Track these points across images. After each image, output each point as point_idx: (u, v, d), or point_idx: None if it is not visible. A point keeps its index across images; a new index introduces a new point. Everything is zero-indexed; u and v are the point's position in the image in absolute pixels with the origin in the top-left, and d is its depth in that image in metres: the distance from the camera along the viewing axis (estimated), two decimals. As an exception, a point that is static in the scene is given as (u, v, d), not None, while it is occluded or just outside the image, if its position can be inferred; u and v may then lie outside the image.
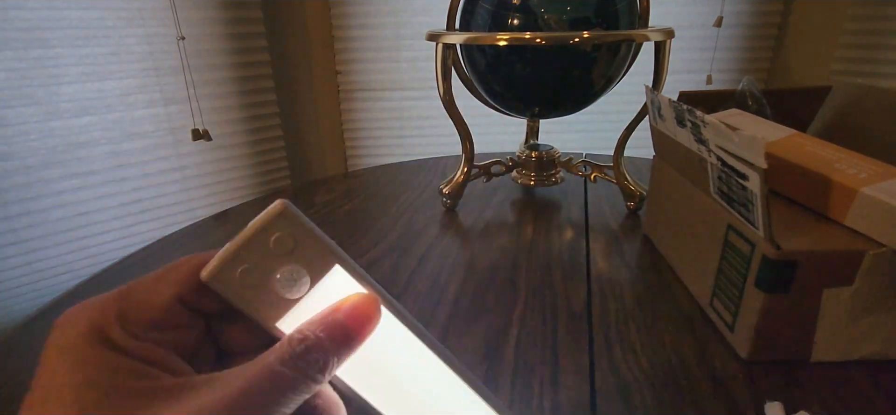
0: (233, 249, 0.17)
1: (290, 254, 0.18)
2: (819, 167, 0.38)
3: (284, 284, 0.18)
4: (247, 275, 0.17)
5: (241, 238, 0.17)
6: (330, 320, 0.17)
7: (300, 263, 0.18)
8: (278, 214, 0.17)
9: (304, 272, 0.18)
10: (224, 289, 0.17)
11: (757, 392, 0.33)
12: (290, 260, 0.18)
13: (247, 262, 0.17)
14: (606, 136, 1.43)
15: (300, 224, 0.18)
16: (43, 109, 1.10)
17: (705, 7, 1.32)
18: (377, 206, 0.67)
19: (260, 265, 0.17)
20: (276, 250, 0.17)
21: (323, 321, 0.17)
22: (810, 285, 0.33)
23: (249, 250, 0.17)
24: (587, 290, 0.46)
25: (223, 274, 0.17)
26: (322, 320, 0.17)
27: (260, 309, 0.18)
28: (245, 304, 0.18)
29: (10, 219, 1.12)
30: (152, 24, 1.18)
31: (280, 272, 0.18)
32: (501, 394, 0.34)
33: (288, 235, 0.17)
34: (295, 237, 0.18)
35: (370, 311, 0.18)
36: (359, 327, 0.18)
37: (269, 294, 0.18)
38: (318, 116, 1.55)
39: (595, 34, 0.50)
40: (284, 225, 0.17)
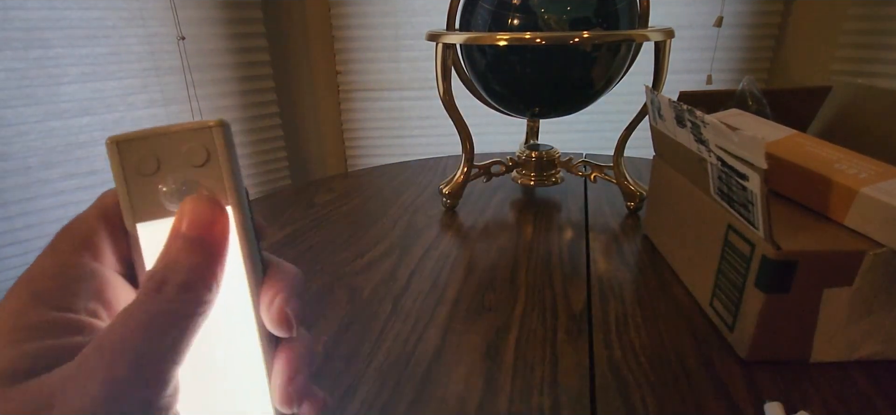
0: (146, 132, 0.17)
1: (192, 168, 0.17)
2: (819, 167, 0.38)
3: (170, 193, 0.17)
4: (144, 162, 0.17)
5: (160, 128, 0.17)
6: (176, 240, 0.17)
7: (198, 182, 0.17)
8: (209, 126, 0.17)
9: (195, 191, 0.17)
10: (117, 165, 0.17)
11: (757, 392, 0.33)
12: (190, 174, 0.17)
13: (149, 152, 0.17)
14: (606, 136, 1.43)
15: (223, 149, 0.17)
16: (43, 109, 1.10)
17: (705, 7, 1.32)
18: (377, 206, 0.67)
19: (161, 163, 0.17)
20: (185, 158, 0.17)
21: (169, 247, 0.17)
22: (810, 285, 0.33)
23: (161, 142, 0.17)
24: (587, 290, 0.46)
25: (125, 148, 0.17)
26: (168, 246, 0.17)
27: (134, 203, 0.17)
28: (124, 190, 0.17)
29: (9, 219, 1.12)
30: (152, 24, 1.18)
31: (173, 179, 0.17)
32: (501, 394, 0.34)
33: (203, 149, 0.17)
34: (209, 156, 0.17)
35: (208, 211, 0.17)
36: (208, 233, 0.17)
37: (150, 194, 0.17)
38: (318, 116, 1.55)
39: (595, 34, 0.50)
40: (207, 139, 0.17)
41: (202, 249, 0.16)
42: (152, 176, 0.17)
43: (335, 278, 0.49)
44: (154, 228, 0.17)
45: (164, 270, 0.16)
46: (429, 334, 0.41)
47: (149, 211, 0.17)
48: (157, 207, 0.17)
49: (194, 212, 0.17)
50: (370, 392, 0.35)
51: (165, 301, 0.15)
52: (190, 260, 0.16)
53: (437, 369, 0.37)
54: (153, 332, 0.15)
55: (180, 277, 0.16)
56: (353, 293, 0.47)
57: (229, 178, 0.17)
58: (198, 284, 0.16)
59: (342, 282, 0.48)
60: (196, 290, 0.16)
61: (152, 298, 0.15)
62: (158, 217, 0.17)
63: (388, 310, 0.44)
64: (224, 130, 0.17)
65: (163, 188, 0.17)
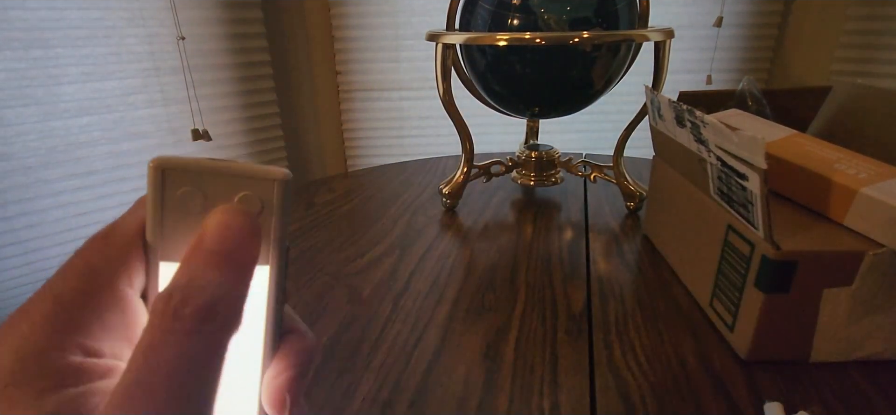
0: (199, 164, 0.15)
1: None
2: (819, 167, 0.38)
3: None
4: (189, 199, 0.15)
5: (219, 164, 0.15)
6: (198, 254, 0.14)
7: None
8: (273, 179, 0.15)
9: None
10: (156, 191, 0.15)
11: (757, 392, 0.33)
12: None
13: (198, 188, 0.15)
14: (606, 136, 1.43)
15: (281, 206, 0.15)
16: (43, 109, 1.10)
17: (705, 7, 1.32)
18: (377, 206, 0.67)
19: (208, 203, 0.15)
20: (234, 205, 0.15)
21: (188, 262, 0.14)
22: (810, 285, 0.33)
23: (214, 181, 0.15)
24: (587, 290, 0.46)
25: (172, 176, 0.15)
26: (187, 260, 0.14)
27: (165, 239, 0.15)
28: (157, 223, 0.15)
29: (9, 219, 1.12)
30: (152, 24, 1.18)
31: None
32: (501, 394, 0.34)
33: (258, 201, 0.15)
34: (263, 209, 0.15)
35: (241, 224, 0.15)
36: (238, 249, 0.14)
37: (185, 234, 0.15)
38: (318, 116, 1.55)
39: (595, 34, 0.50)
40: (267, 191, 0.15)
41: (230, 264, 0.14)
42: (195, 215, 0.15)
43: (335, 278, 0.49)
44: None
45: (183, 289, 0.13)
46: (429, 334, 0.41)
47: (179, 252, 0.15)
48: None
49: (224, 223, 0.14)
50: (370, 392, 0.35)
51: (186, 334, 0.13)
52: (215, 275, 0.14)
53: (437, 369, 0.37)
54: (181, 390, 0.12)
55: (203, 297, 0.13)
56: (353, 293, 0.46)
57: (278, 237, 0.16)
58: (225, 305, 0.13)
59: (342, 282, 0.48)
60: (223, 313, 0.13)
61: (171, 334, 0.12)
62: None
63: (388, 310, 0.44)
64: (287, 185, 0.15)
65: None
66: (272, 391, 0.16)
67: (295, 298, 0.46)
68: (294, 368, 0.17)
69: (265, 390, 0.17)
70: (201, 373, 0.13)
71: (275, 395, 0.16)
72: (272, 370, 0.17)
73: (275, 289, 0.16)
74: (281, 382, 0.16)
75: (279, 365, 0.17)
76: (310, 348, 0.17)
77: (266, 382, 0.17)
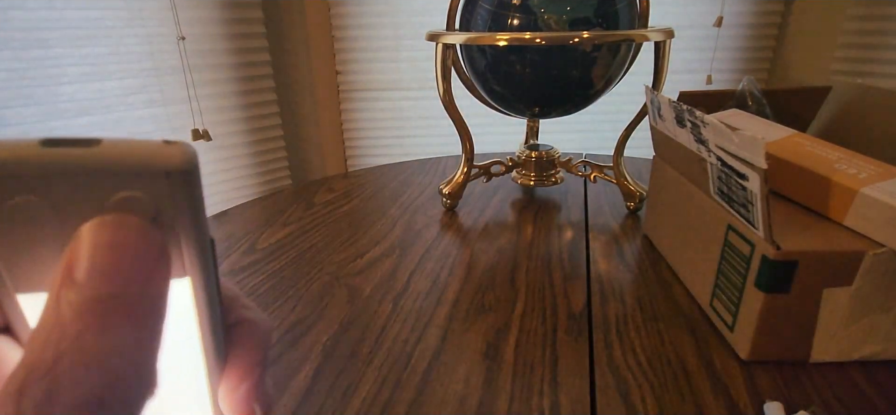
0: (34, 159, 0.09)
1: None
2: (819, 167, 0.38)
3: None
4: (25, 212, 0.10)
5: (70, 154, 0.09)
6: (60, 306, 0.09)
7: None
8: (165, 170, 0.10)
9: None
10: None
11: (757, 392, 0.33)
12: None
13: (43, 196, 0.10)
14: (606, 136, 1.43)
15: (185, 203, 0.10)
16: (43, 109, 1.10)
17: (705, 7, 1.32)
18: (377, 206, 0.67)
19: (64, 216, 0.10)
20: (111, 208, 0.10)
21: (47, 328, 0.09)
22: (810, 285, 0.33)
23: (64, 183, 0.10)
24: (587, 290, 0.46)
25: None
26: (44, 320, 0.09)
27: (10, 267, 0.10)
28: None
29: (10, 219, 1.12)
30: (152, 24, 1.18)
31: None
32: (501, 394, 0.34)
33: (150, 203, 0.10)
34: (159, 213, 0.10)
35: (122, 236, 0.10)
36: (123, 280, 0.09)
37: (42, 255, 0.10)
38: (318, 116, 1.55)
39: (595, 34, 0.50)
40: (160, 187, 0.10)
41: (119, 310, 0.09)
42: (46, 231, 0.10)
43: (335, 278, 0.49)
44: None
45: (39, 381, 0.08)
46: (429, 334, 0.41)
47: (40, 280, 0.10)
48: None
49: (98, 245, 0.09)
50: (370, 392, 0.35)
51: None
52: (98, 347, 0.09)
53: (437, 369, 0.37)
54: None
55: (75, 395, 0.08)
56: (353, 293, 0.47)
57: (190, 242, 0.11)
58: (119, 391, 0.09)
59: (342, 282, 0.49)
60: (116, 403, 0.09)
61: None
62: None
63: (388, 310, 0.44)
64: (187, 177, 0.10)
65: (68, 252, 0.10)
66: (236, 405, 0.14)
67: (295, 298, 0.46)
68: (255, 370, 0.14)
69: (227, 405, 0.14)
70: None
71: (240, 408, 0.14)
72: (229, 382, 0.14)
73: (204, 300, 0.12)
74: (244, 392, 0.14)
75: (235, 373, 0.14)
76: (263, 337, 0.14)
77: (226, 395, 0.14)
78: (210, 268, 0.12)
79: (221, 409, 0.14)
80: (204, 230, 0.11)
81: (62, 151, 0.09)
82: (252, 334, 0.14)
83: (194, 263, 0.11)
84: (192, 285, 0.12)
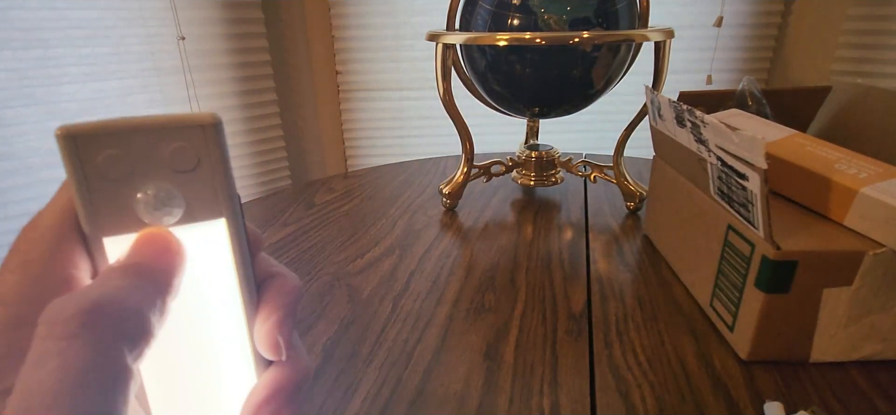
0: (114, 124, 0.13)
1: (177, 173, 0.14)
2: (819, 167, 0.38)
3: (149, 204, 0.14)
4: (112, 164, 0.13)
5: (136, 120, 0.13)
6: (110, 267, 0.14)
7: (184, 192, 0.14)
8: (200, 125, 0.14)
9: (181, 204, 0.14)
10: (72, 161, 0.13)
11: (757, 392, 0.33)
12: (175, 181, 0.14)
13: (123, 150, 0.13)
14: (606, 136, 1.43)
15: (217, 152, 0.14)
16: (43, 109, 1.10)
17: (705, 7, 1.32)
18: (377, 206, 0.67)
19: (136, 165, 0.14)
20: (168, 160, 0.14)
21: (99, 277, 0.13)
22: (810, 285, 0.33)
23: (135, 139, 0.13)
24: (587, 290, 0.46)
25: (84, 143, 0.13)
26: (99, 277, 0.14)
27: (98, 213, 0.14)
28: (85, 198, 0.14)
29: (10, 219, 1.12)
30: (152, 24, 1.18)
31: (153, 188, 0.14)
32: (501, 394, 0.34)
33: (192, 152, 0.14)
34: (200, 161, 0.14)
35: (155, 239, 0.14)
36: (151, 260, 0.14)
37: (121, 204, 0.14)
38: (318, 116, 1.55)
39: (595, 34, 0.50)
40: (198, 140, 0.14)
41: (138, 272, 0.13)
42: (124, 182, 0.14)
43: (335, 278, 0.49)
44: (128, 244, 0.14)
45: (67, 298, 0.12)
46: (429, 334, 0.41)
47: (121, 224, 0.14)
48: (133, 220, 0.14)
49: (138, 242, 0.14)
50: (370, 392, 0.35)
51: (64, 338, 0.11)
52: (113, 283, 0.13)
53: (437, 369, 0.37)
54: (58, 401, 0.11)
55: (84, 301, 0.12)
56: (353, 293, 0.47)
57: (223, 186, 0.15)
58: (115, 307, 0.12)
59: (342, 282, 0.49)
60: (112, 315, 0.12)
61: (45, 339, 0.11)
62: (136, 230, 0.14)
63: (388, 310, 0.44)
64: (218, 129, 0.14)
65: (139, 196, 0.14)
66: (263, 336, 0.16)
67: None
68: (280, 309, 0.17)
69: (257, 338, 0.17)
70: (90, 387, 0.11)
71: (267, 339, 0.16)
72: (260, 317, 0.17)
73: (236, 240, 0.16)
74: (270, 325, 0.16)
75: (264, 311, 0.17)
76: (292, 288, 0.17)
77: (257, 329, 0.17)
78: (238, 213, 0.15)
79: (256, 342, 0.17)
80: (231, 179, 0.15)
81: (136, 118, 0.14)
82: (280, 285, 0.17)
83: (226, 205, 0.15)
84: (226, 225, 0.15)
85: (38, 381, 0.11)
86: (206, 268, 0.16)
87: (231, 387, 0.17)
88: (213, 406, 0.17)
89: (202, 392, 0.17)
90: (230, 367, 0.17)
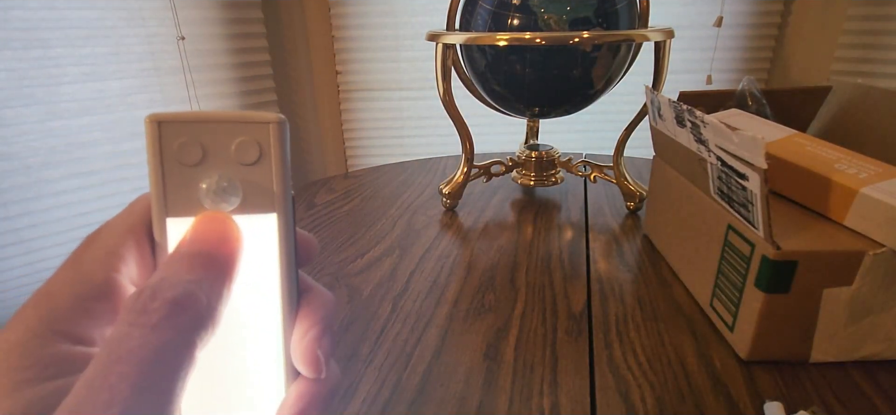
0: (193, 115, 0.15)
1: (240, 166, 0.15)
2: (819, 167, 0.38)
3: (211, 190, 0.15)
4: (186, 150, 0.15)
5: (211, 113, 0.15)
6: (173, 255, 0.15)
7: (244, 183, 0.16)
8: (268, 121, 0.15)
9: (239, 194, 0.16)
10: (154, 147, 0.15)
11: (757, 392, 0.33)
12: (237, 172, 0.15)
13: (197, 138, 0.15)
14: (606, 136, 1.43)
15: (279, 149, 0.16)
16: (43, 109, 1.10)
17: (705, 7, 1.32)
18: (377, 206, 0.67)
19: (206, 153, 0.15)
20: (233, 153, 0.15)
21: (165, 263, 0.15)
22: (810, 285, 0.33)
23: (209, 130, 0.15)
24: (587, 290, 0.46)
25: (168, 130, 0.15)
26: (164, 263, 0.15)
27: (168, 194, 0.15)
28: (159, 178, 0.15)
29: (10, 219, 1.12)
30: (152, 24, 1.18)
31: (218, 176, 0.15)
32: (501, 394, 0.34)
33: (256, 146, 0.15)
34: (262, 155, 0.15)
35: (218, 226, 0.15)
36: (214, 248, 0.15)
37: (188, 187, 0.15)
38: (318, 116, 1.55)
39: (595, 34, 0.50)
40: (263, 135, 0.15)
41: (203, 263, 0.14)
42: (194, 167, 0.15)
43: (335, 278, 0.49)
44: (186, 227, 0.15)
45: (155, 283, 0.13)
46: (429, 334, 0.41)
47: (184, 206, 0.15)
48: (194, 204, 0.15)
49: (202, 227, 0.15)
50: (370, 392, 0.35)
51: (152, 328, 0.13)
52: (188, 274, 0.14)
53: (437, 369, 0.37)
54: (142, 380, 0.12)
55: (172, 292, 0.13)
56: (353, 293, 0.47)
57: (280, 182, 0.16)
58: (194, 302, 0.14)
59: (342, 282, 0.49)
60: (192, 310, 0.13)
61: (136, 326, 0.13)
62: (194, 215, 0.15)
63: (388, 310, 0.44)
64: (283, 128, 0.16)
65: (203, 185, 0.15)
66: (303, 351, 0.16)
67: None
68: (320, 323, 0.17)
69: (296, 351, 0.17)
70: (166, 367, 0.12)
71: (307, 354, 0.16)
72: (299, 330, 0.17)
73: (286, 239, 0.16)
74: (310, 340, 0.16)
75: (303, 324, 0.17)
76: (330, 303, 0.18)
77: (295, 342, 0.17)
78: (290, 212, 0.16)
79: (292, 356, 0.17)
80: (288, 178, 0.16)
81: (212, 112, 0.15)
82: (319, 300, 0.17)
83: (280, 202, 0.16)
84: (277, 220, 0.16)
85: (128, 350, 0.12)
86: (252, 262, 0.16)
87: (260, 389, 0.17)
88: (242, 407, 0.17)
89: (230, 392, 0.17)
90: (261, 366, 0.17)
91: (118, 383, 0.12)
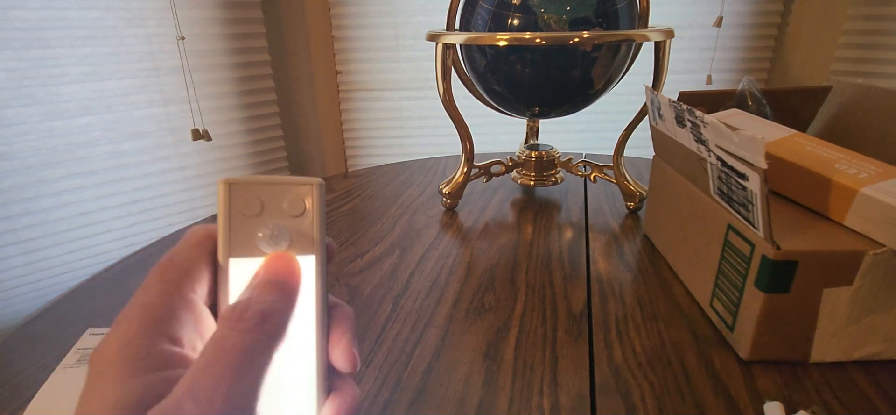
0: (256, 180, 0.19)
1: (288, 217, 0.19)
2: (819, 167, 0.38)
3: (266, 237, 0.19)
4: (249, 205, 0.19)
5: (269, 178, 0.19)
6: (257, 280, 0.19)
7: (291, 231, 0.19)
8: (311, 184, 0.19)
9: (288, 239, 0.19)
10: (224, 203, 0.19)
11: (757, 392, 0.33)
12: (287, 223, 0.19)
13: (255, 196, 0.19)
14: (606, 136, 1.43)
15: (318, 205, 0.19)
16: (43, 109, 1.10)
17: (705, 7, 1.32)
18: (377, 206, 0.67)
19: (264, 208, 0.19)
20: (285, 208, 0.19)
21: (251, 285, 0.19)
22: (810, 285, 0.33)
23: (267, 190, 0.19)
24: (587, 290, 0.46)
25: (236, 190, 0.19)
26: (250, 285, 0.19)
27: (232, 239, 0.19)
28: (226, 227, 0.19)
29: (10, 219, 1.12)
30: (152, 24, 1.18)
31: (271, 225, 0.19)
32: (501, 394, 0.34)
33: (302, 202, 0.19)
34: (306, 209, 0.19)
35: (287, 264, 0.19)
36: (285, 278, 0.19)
37: (248, 234, 0.19)
38: (318, 116, 1.55)
39: (595, 34, 0.50)
40: (307, 194, 0.19)
41: (279, 288, 0.18)
42: (254, 218, 0.19)
43: (335, 278, 0.49)
44: (244, 265, 0.19)
45: (246, 300, 0.17)
46: (429, 334, 0.41)
47: (243, 249, 0.19)
48: (252, 247, 0.19)
49: (275, 262, 0.19)
50: (370, 392, 0.35)
51: (246, 331, 0.16)
52: (270, 295, 0.18)
53: (437, 369, 0.37)
54: (239, 370, 0.16)
55: (260, 306, 0.17)
56: (354, 293, 0.47)
57: (318, 230, 0.20)
58: (275, 316, 0.17)
59: (342, 282, 0.49)
60: (273, 321, 0.17)
61: (235, 330, 0.16)
62: (251, 256, 0.19)
63: (388, 310, 0.44)
64: (321, 189, 0.20)
65: (260, 234, 0.19)
66: (341, 352, 0.20)
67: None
68: (350, 331, 0.21)
69: (335, 352, 0.20)
70: (255, 363, 0.16)
71: (345, 354, 0.20)
72: (334, 336, 0.21)
73: (321, 275, 0.20)
74: (345, 343, 0.20)
75: (337, 332, 0.21)
76: (353, 316, 0.22)
77: (332, 346, 0.20)
78: (324, 255, 0.20)
79: (331, 358, 0.20)
80: (324, 227, 0.20)
81: (269, 177, 0.19)
82: (345, 314, 0.21)
83: (318, 246, 0.20)
84: (315, 262, 0.20)
85: (229, 345, 0.16)
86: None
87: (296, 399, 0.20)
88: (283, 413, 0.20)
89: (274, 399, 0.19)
90: (298, 378, 0.20)
91: (223, 370, 0.15)
